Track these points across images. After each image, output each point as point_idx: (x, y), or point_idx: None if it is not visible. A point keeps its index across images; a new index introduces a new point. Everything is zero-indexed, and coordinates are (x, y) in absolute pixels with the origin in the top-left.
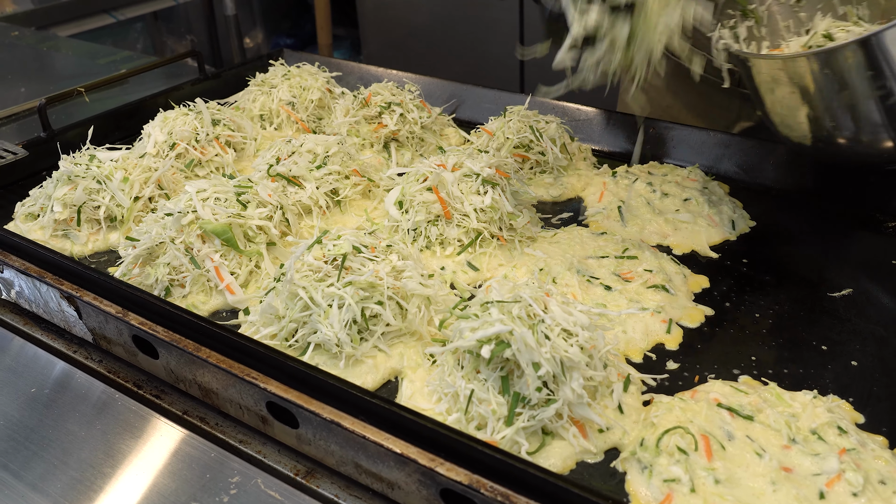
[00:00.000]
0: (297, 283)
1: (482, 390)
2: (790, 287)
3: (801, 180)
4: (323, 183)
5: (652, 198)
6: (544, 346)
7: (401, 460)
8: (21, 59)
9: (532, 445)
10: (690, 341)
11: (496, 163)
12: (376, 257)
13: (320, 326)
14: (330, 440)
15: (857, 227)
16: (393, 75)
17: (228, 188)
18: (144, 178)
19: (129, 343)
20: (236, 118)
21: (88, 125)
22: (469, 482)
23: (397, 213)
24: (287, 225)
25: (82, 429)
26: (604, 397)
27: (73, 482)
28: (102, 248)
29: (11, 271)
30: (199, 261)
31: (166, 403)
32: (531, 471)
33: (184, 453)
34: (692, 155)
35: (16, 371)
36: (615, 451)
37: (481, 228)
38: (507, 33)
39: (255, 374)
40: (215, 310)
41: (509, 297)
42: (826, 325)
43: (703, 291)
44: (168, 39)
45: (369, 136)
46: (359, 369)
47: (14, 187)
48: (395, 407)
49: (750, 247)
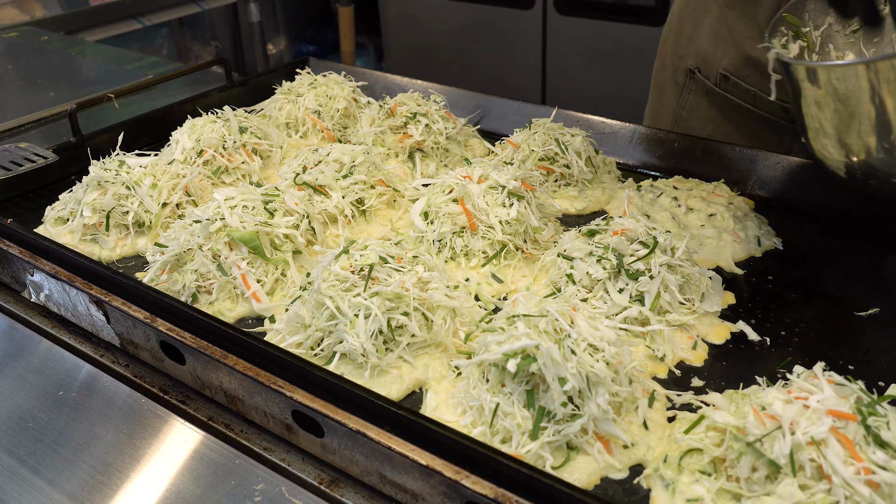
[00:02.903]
0: (324, 293)
1: (507, 404)
2: (816, 305)
3: (827, 197)
4: (349, 192)
5: (677, 212)
6: (570, 361)
7: (426, 472)
8: (49, 64)
9: (557, 460)
10: (716, 358)
11: (522, 175)
12: (403, 268)
13: (346, 336)
14: (355, 450)
15: (884, 246)
16: (418, 85)
17: (256, 196)
18: (172, 184)
19: (156, 348)
20: (263, 126)
21: (118, 131)
22: (495, 496)
23: (423, 224)
24: (313, 234)
25: (108, 432)
26: (629, 413)
27: (99, 485)
28: (130, 254)
29: (41, 275)
30: (226, 268)
31: (191, 409)
32: (557, 486)
33: (208, 459)
34: (718, 170)
35: (43, 373)
36: (640, 468)
37: (506, 241)
38: (529, 45)
39: (282, 383)
40: (241, 317)
41: (536, 311)
42: (853, 345)
43: (728, 308)
44: (193, 45)
45: (394, 146)
46: (384, 379)
47: (44, 191)
48: (422, 419)
49: (776, 264)
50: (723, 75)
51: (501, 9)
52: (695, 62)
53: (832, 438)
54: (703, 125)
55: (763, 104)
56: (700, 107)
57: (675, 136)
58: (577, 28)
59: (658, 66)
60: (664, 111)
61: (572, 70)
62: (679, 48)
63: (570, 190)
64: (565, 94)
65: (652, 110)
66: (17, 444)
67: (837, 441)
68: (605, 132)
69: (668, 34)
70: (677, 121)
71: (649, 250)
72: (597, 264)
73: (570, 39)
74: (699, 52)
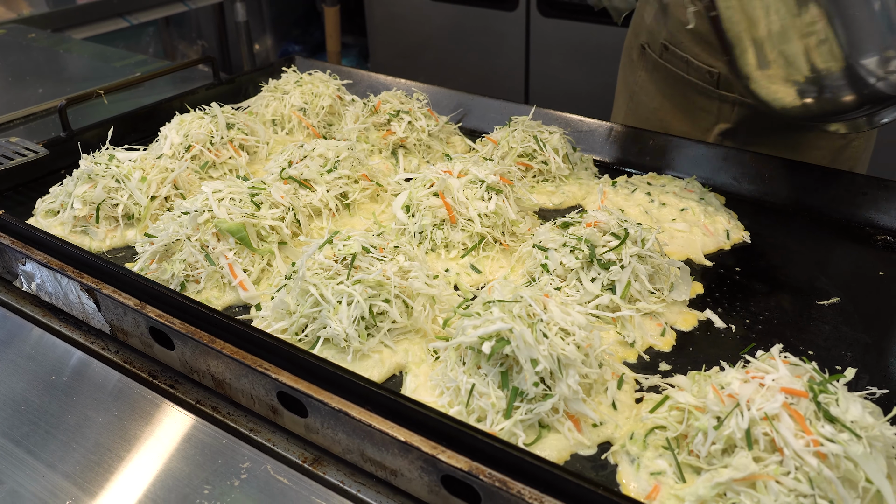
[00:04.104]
0: (309, 281)
1: (483, 384)
2: (781, 295)
3: (794, 193)
4: (333, 186)
5: (650, 207)
6: (542, 344)
7: (404, 448)
8: (37, 61)
9: (529, 437)
10: (683, 344)
11: (500, 170)
12: (384, 257)
13: (330, 322)
14: (337, 429)
15: (847, 240)
16: (402, 84)
17: (243, 189)
18: (161, 178)
19: (146, 334)
20: (250, 122)
21: (107, 126)
22: (469, 469)
23: (404, 217)
24: (298, 226)
25: (99, 414)
26: (598, 394)
27: (90, 464)
28: (119, 245)
29: (33, 264)
30: (213, 258)
31: (180, 393)
32: (527, 459)
33: (196, 440)
34: (690, 167)
35: (35, 359)
36: (608, 445)
37: (485, 233)
38: (512, 46)
39: (268, 366)
40: (228, 305)
41: (510, 297)
42: (813, 332)
43: (696, 297)
44: (179, 44)
45: (378, 142)
46: (365, 363)
47: (34, 185)
48: (401, 398)
49: (744, 256)
50: (663, 45)
51: (486, 10)
52: (645, 38)
53: (784, 413)
54: (651, 99)
55: (694, 71)
56: (649, 82)
57: (650, 134)
58: (560, 29)
59: (623, 50)
60: (623, 90)
61: (554, 70)
62: (635, 27)
63: (548, 185)
64: (548, 94)
65: (617, 91)
66: (10, 426)
67: (789, 416)
68: (583, 130)
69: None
70: (632, 97)
71: (620, 241)
72: (570, 255)
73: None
74: (647, 28)
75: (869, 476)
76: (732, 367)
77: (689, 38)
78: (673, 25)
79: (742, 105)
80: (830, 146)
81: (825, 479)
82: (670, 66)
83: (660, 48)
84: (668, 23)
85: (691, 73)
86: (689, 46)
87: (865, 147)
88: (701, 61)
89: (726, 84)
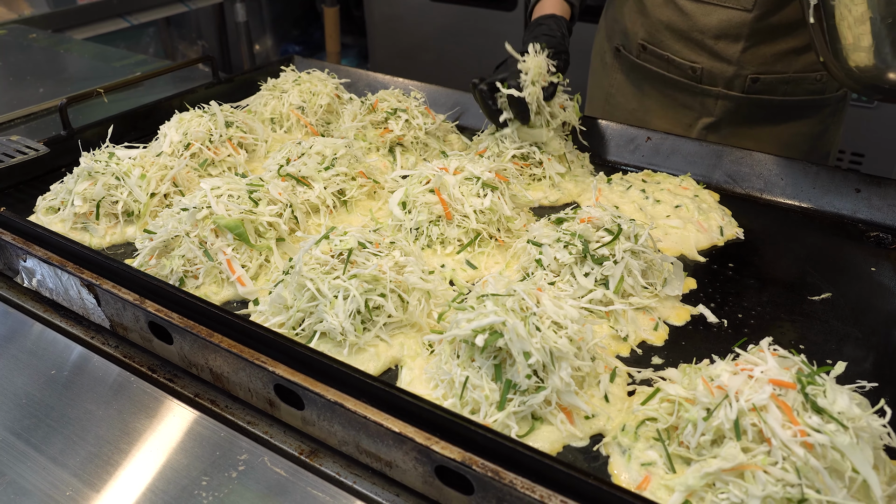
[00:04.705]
0: (306, 275)
1: (476, 377)
2: (773, 290)
3: (788, 191)
4: (330, 183)
5: (644, 204)
6: (535, 337)
7: (399, 439)
8: (38, 61)
9: (522, 429)
10: (675, 338)
11: (496, 167)
12: (380, 252)
13: (326, 316)
14: (333, 421)
15: (839, 236)
16: (399, 83)
17: (241, 186)
18: (160, 175)
19: (145, 329)
20: (248, 121)
21: (108, 125)
22: (462, 459)
23: (401, 213)
24: (296, 222)
25: (99, 408)
26: (591, 387)
27: (91, 456)
28: (119, 241)
29: (34, 260)
30: (212, 253)
31: (179, 386)
32: (520, 449)
33: (195, 433)
34: (685, 164)
35: (36, 354)
36: (600, 437)
37: (480, 229)
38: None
39: (265, 359)
40: (226, 300)
41: (504, 291)
42: (805, 326)
43: (690, 292)
44: (179, 44)
45: (375, 140)
46: (361, 357)
47: (35, 182)
48: (396, 390)
49: (737, 252)
50: (641, 45)
51: (485, 10)
52: (620, 41)
53: (772, 405)
54: (629, 100)
55: (675, 68)
56: (626, 83)
57: (646, 132)
58: None
59: (593, 54)
60: (597, 94)
61: None
62: (608, 30)
63: (544, 182)
64: None
65: (589, 95)
66: (12, 420)
67: (777, 407)
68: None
69: (600, 24)
70: (608, 99)
71: (613, 237)
72: (564, 250)
73: None
74: (622, 30)
75: (855, 466)
76: (723, 361)
77: (670, 35)
78: (652, 25)
79: (725, 98)
80: (810, 132)
81: (812, 469)
82: (649, 65)
83: (637, 49)
84: (647, 23)
85: (672, 70)
86: (669, 44)
87: (837, 131)
88: (682, 58)
89: (709, 79)
